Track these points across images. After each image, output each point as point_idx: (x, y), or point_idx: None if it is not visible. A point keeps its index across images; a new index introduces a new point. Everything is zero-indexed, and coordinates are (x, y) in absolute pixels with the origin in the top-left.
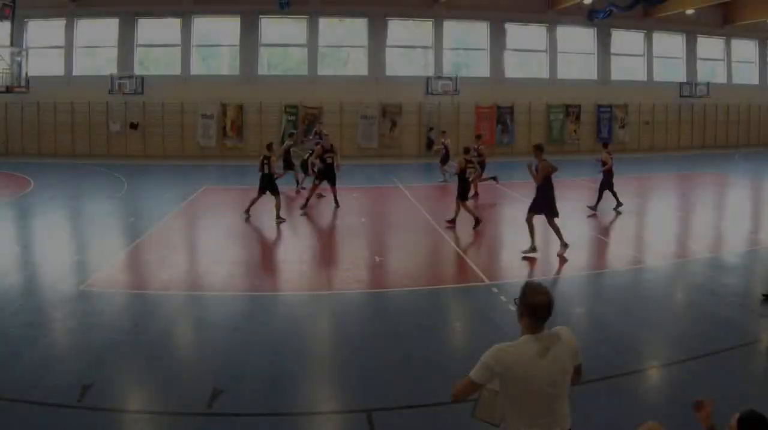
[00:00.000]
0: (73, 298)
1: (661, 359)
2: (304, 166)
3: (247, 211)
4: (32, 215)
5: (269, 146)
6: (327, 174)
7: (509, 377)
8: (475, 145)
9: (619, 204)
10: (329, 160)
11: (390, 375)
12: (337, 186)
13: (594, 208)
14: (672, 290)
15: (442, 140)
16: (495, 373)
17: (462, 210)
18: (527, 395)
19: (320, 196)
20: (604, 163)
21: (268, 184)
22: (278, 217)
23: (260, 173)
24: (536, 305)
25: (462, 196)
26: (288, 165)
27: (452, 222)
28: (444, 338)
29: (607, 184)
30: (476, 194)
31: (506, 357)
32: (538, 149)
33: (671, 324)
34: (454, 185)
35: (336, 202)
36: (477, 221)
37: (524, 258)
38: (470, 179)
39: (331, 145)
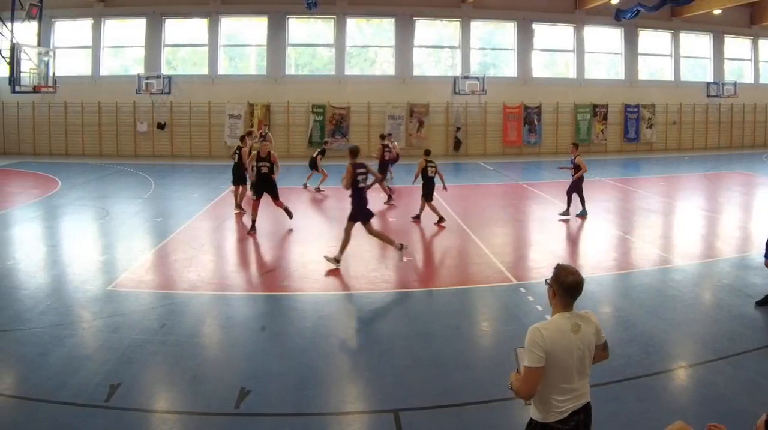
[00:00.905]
0: (100, 298)
1: (688, 360)
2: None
3: (238, 206)
4: (60, 215)
5: (242, 138)
6: (261, 186)
7: (549, 351)
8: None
9: (584, 211)
10: (263, 170)
11: (417, 375)
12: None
13: (565, 213)
14: (700, 290)
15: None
16: (543, 350)
17: (426, 208)
18: (560, 369)
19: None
20: (577, 168)
21: (235, 173)
22: (238, 206)
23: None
24: (570, 285)
25: (427, 196)
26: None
27: (417, 218)
28: (471, 338)
29: (576, 187)
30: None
31: (547, 334)
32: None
33: (699, 324)
34: (477, 187)
35: (288, 213)
36: (440, 218)
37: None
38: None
39: (269, 152)
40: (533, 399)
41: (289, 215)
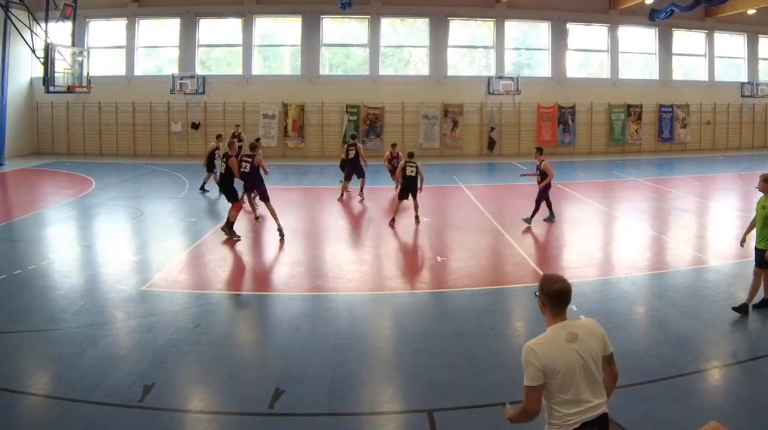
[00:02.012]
0: (134, 298)
1: (722, 360)
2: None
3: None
4: (94, 215)
5: (219, 137)
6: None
7: (548, 366)
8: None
9: (551, 215)
10: (246, 169)
11: (451, 375)
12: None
13: (529, 220)
14: (734, 290)
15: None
16: (539, 367)
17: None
18: (563, 381)
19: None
20: (544, 175)
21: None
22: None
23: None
24: (557, 292)
25: (401, 194)
26: (210, 167)
27: (416, 219)
28: (505, 337)
29: (543, 194)
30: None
31: (540, 349)
32: None
33: (733, 324)
34: (511, 187)
35: (255, 215)
36: (394, 219)
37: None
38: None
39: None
40: (545, 414)
41: (256, 217)
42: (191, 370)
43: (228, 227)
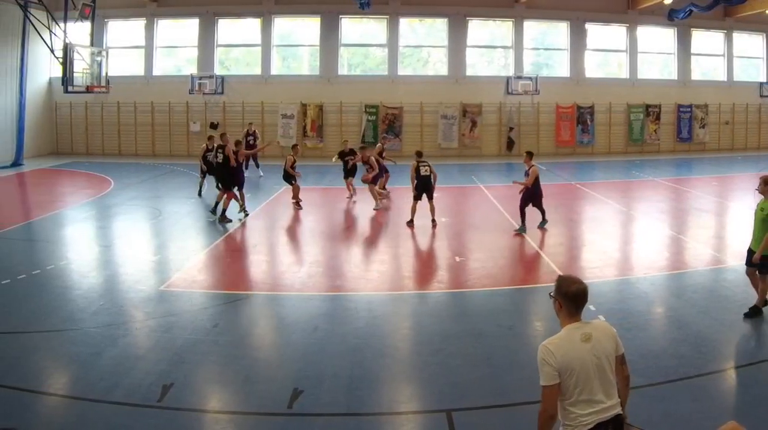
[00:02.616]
0: (153, 298)
1: (741, 360)
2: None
3: (242, 209)
4: (113, 215)
5: (210, 138)
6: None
7: (563, 365)
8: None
9: (544, 221)
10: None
11: (470, 375)
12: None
13: (543, 224)
14: (752, 290)
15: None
16: (554, 366)
17: (432, 207)
18: (578, 381)
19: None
20: (536, 180)
21: (225, 174)
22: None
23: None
24: (574, 293)
25: (417, 195)
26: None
27: (433, 223)
28: (524, 338)
29: (532, 198)
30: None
31: (556, 349)
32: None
33: (751, 324)
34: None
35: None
36: (412, 221)
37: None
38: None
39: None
40: (560, 416)
41: (214, 213)
42: (210, 370)
43: (218, 210)
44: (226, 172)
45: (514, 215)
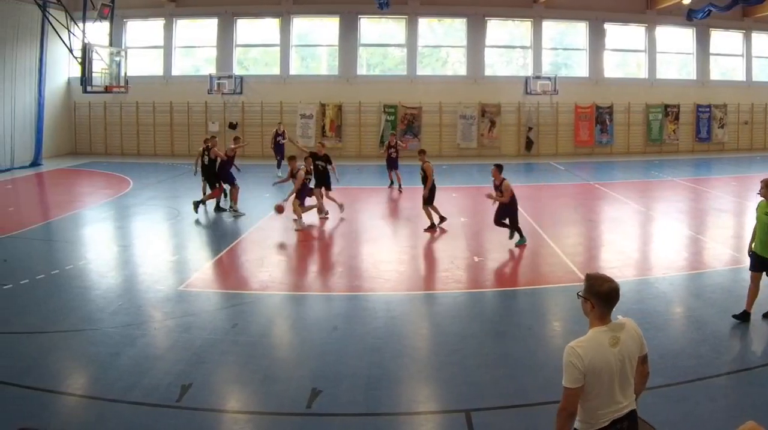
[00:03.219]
0: (172, 298)
1: (760, 360)
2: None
3: (230, 208)
4: (131, 215)
5: (206, 140)
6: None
7: (590, 369)
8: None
9: (513, 233)
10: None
11: (489, 375)
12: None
13: (519, 239)
14: None
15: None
16: (581, 370)
17: (432, 212)
18: (602, 383)
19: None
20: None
21: (211, 173)
22: (232, 208)
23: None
24: (608, 293)
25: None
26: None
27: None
28: (543, 338)
29: (508, 214)
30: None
31: (584, 352)
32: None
33: None
34: (548, 188)
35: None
36: (434, 224)
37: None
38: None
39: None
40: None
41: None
42: (229, 370)
43: (202, 203)
44: (212, 172)
45: (535, 214)
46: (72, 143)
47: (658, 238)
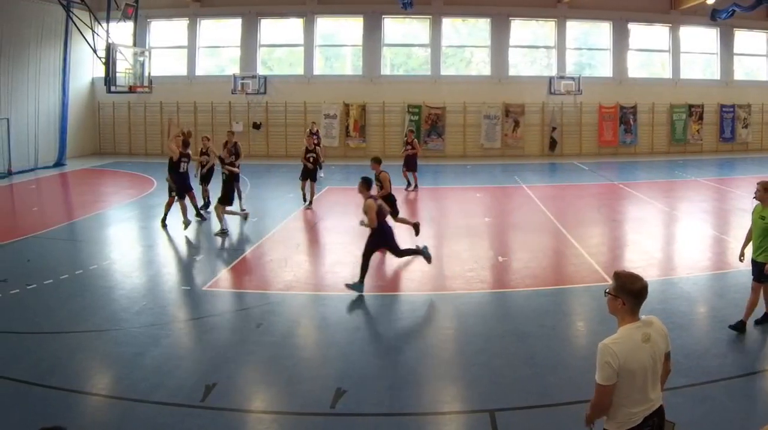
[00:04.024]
0: (196, 298)
1: None
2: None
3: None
4: (155, 215)
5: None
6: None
7: (624, 366)
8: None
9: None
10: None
11: (513, 375)
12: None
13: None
14: None
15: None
16: (615, 368)
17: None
18: (634, 380)
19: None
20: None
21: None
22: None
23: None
24: (639, 290)
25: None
26: (207, 178)
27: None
28: (567, 338)
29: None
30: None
31: (619, 350)
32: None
33: None
34: (572, 187)
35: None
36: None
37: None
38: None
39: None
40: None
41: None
42: (253, 370)
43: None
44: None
45: (559, 214)
46: (96, 143)
47: (682, 238)
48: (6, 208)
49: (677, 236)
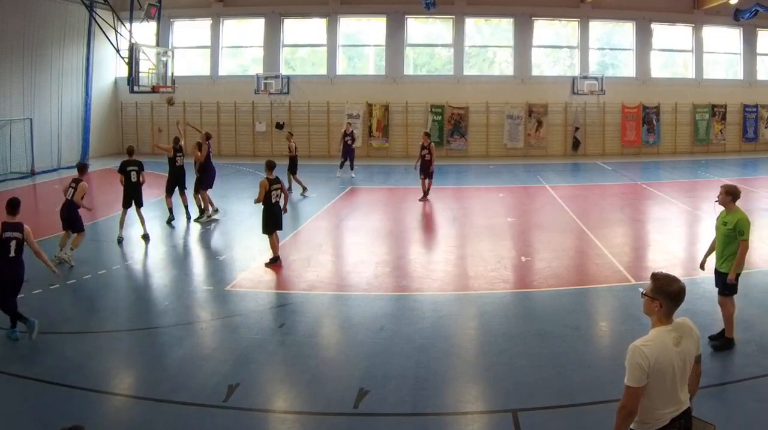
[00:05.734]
0: (219, 298)
1: None
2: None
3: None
4: (178, 215)
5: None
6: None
7: (654, 368)
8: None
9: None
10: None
11: (536, 376)
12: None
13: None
14: None
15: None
16: (645, 370)
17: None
18: (664, 382)
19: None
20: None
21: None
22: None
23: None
24: (677, 292)
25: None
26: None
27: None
28: (590, 338)
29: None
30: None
31: (650, 352)
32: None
33: None
34: (595, 187)
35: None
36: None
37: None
38: None
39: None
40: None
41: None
42: (276, 370)
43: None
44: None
45: (582, 214)
46: (119, 143)
47: (705, 238)
48: (29, 208)
49: (700, 236)
